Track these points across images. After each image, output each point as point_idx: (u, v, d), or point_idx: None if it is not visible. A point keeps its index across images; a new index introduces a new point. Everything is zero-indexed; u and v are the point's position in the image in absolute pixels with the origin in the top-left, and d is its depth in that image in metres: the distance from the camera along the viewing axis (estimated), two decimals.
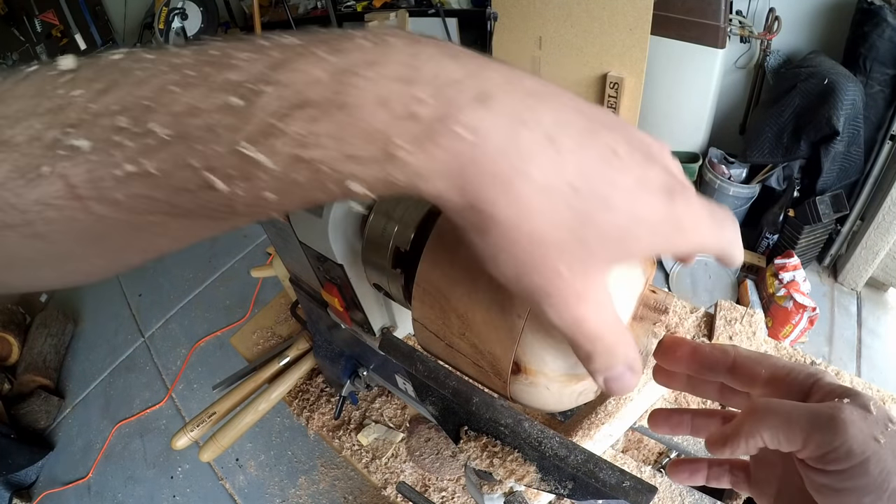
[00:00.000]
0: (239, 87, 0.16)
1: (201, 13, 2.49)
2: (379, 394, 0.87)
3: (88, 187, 0.17)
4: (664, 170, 0.20)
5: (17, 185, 0.17)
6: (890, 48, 1.60)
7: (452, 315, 0.29)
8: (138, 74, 0.17)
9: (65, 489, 1.91)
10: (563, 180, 0.17)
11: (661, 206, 0.19)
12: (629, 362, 0.22)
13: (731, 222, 0.23)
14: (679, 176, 0.21)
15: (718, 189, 1.98)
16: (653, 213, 0.19)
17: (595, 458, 0.36)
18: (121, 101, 0.17)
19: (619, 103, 2.03)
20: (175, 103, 0.16)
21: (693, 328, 0.84)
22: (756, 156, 1.87)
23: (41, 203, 0.17)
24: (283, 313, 1.04)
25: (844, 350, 1.79)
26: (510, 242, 0.18)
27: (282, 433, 1.87)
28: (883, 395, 0.72)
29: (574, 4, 1.97)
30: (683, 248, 0.21)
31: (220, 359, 2.16)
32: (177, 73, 0.17)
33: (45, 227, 0.18)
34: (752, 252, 2.03)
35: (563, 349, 0.26)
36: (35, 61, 0.19)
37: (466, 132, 0.16)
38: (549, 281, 0.19)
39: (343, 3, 3.03)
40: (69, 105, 0.17)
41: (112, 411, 2.11)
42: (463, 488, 0.75)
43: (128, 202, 0.17)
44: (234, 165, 0.16)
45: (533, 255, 0.18)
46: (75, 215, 0.17)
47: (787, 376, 0.28)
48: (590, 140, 0.18)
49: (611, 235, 0.18)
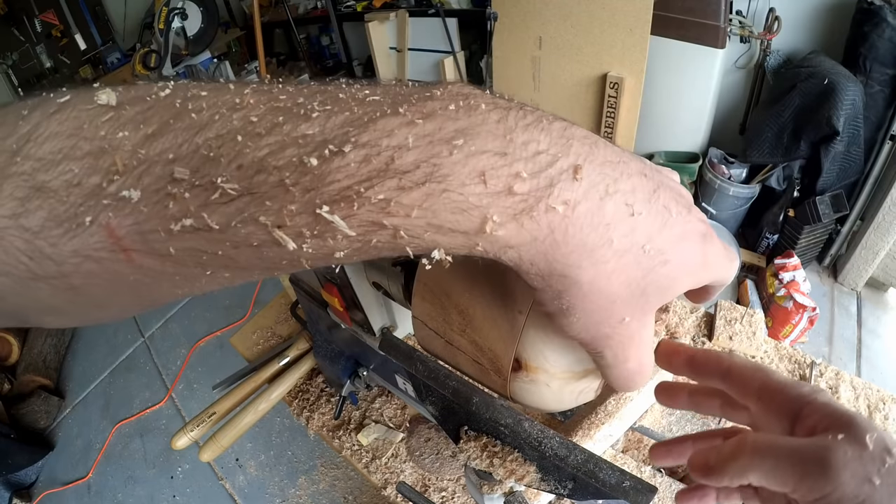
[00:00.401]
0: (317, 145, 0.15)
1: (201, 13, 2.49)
2: (379, 394, 0.87)
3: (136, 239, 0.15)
4: (699, 219, 0.22)
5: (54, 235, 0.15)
6: (890, 48, 1.60)
7: (453, 311, 0.29)
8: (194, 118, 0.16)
9: (65, 489, 1.91)
10: (636, 243, 0.19)
11: (699, 251, 0.21)
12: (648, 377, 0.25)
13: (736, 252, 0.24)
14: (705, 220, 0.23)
15: (718, 189, 1.98)
16: (693, 259, 0.21)
17: (595, 458, 0.36)
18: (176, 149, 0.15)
19: (619, 103, 2.03)
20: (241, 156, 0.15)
21: (693, 328, 0.84)
22: (756, 156, 1.87)
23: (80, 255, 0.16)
24: (283, 313, 1.04)
25: (844, 350, 1.79)
26: (587, 301, 0.19)
27: (282, 433, 1.87)
28: (883, 394, 0.72)
29: (574, 4, 1.97)
30: (705, 280, 0.23)
31: (220, 359, 2.16)
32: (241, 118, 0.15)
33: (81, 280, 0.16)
34: (752, 252, 2.03)
35: (564, 346, 0.26)
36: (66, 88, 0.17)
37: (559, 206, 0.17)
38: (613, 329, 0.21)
39: (343, 3, 3.03)
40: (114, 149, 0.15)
41: (112, 411, 2.11)
42: (463, 488, 0.75)
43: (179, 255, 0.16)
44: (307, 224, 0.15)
45: (605, 310, 0.20)
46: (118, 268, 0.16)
47: (780, 393, 0.27)
48: (653, 203, 0.19)
49: (664, 284, 0.20)
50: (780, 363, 0.78)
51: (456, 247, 0.17)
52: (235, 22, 3.63)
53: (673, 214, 0.20)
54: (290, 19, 3.11)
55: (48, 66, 3.29)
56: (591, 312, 0.20)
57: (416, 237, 0.16)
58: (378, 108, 0.16)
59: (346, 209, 0.15)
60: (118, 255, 0.16)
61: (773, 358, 0.79)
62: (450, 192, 0.16)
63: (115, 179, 0.15)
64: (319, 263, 0.17)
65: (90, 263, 0.16)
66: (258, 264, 0.17)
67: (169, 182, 0.15)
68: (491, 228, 0.16)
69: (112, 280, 0.17)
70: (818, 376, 0.75)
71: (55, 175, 0.15)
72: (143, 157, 0.15)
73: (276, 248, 0.16)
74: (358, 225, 0.15)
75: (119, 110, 0.16)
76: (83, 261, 0.16)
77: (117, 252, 0.16)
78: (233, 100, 0.16)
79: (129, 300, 0.19)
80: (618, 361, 0.23)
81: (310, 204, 0.15)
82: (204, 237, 0.15)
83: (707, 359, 0.30)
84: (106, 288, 0.17)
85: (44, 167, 0.15)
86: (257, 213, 0.15)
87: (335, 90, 0.17)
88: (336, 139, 0.15)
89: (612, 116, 2.09)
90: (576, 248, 0.18)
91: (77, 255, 0.16)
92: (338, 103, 0.16)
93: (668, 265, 0.20)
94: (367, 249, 0.16)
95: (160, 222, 0.15)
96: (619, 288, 0.19)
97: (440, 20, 2.45)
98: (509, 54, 2.28)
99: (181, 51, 2.48)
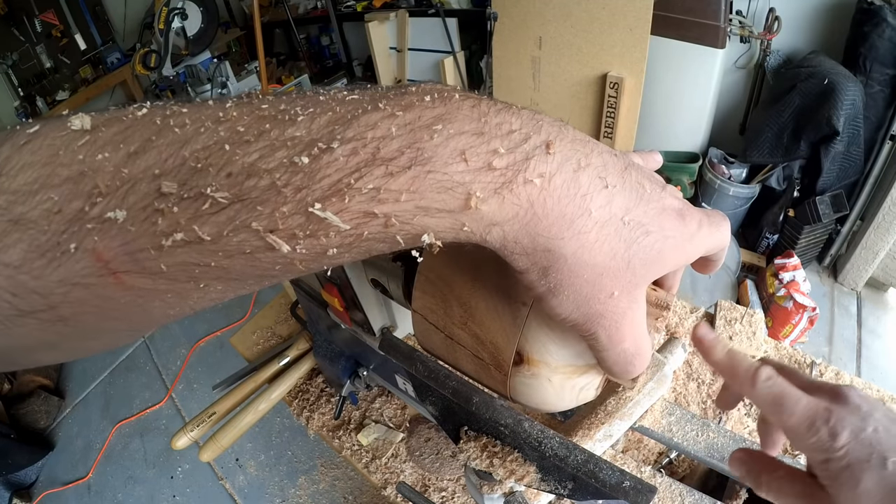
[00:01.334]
0: (305, 145, 0.16)
1: (201, 13, 2.48)
2: (379, 394, 0.87)
3: (125, 260, 0.15)
4: (673, 195, 0.23)
5: (38, 266, 0.15)
6: (890, 48, 1.60)
7: (455, 303, 0.29)
8: (178, 133, 0.16)
9: (65, 489, 1.91)
10: (613, 214, 0.20)
11: (678, 224, 0.22)
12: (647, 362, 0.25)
13: (722, 218, 0.25)
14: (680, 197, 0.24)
15: (718, 189, 1.98)
16: (674, 233, 0.22)
17: (595, 458, 0.36)
18: (162, 164, 0.15)
19: (619, 103, 2.03)
20: (231, 164, 0.15)
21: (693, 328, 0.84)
22: (756, 156, 1.87)
23: (67, 283, 0.15)
24: (283, 313, 1.04)
25: (844, 350, 1.79)
26: (573, 276, 0.20)
27: (282, 433, 1.87)
28: (883, 394, 0.72)
29: (574, 4, 1.97)
30: (694, 255, 0.23)
31: (220, 359, 2.16)
32: (227, 129, 0.16)
33: (70, 310, 0.16)
34: (752, 252, 2.03)
35: (566, 338, 0.26)
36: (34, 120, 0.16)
37: (536, 178, 0.18)
38: (603, 305, 0.21)
39: (343, 3, 3.03)
40: (95, 171, 0.15)
41: (112, 411, 2.11)
42: (463, 488, 0.75)
43: (171, 272, 0.16)
44: (300, 225, 0.16)
45: (592, 284, 0.20)
46: (108, 293, 0.16)
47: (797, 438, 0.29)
48: (626, 178, 0.21)
49: (649, 257, 0.21)
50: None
51: (444, 229, 0.17)
52: (235, 22, 3.63)
53: (647, 190, 0.21)
54: (290, 19, 3.11)
55: (48, 66, 3.29)
56: (579, 288, 0.20)
57: (406, 223, 0.17)
58: (359, 106, 0.17)
59: (338, 203, 0.16)
60: (108, 280, 0.15)
61: (773, 358, 0.79)
62: (434, 172, 0.16)
63: (97, 202, 0.15)
64: (313, 265, 0.17)
65: (79, 291, 0.15)
66: (251, 272, 0.17)
67: (156, 198, 0.15)
68: (475, 204, 0.17)
69: (103, 306, 0.16)
70: (818, 376, 0.75)
71: (33, 205, 0.15)
72: (127, 175, 0.15)
73: (270, 252, 0.16)
74: (350, 218, 0.16)
75: (95, 133, 0.16)
76: (71, 289, 0.15)
77: (106, 276, 0.15)
78: (216, 113, 0.16)
79: (121, 326, 0.18)
80: (612, 343, 0.23)
81: (302, 203, 0.15)
82: (196, 250, 0.15)
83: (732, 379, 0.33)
84: (97, 315, 0.17)
85: (20, 199, 0.15)
86: (249, 220, 0.15)
87: (314, 95, 0.17)
88: (323, 137, 0.16)
89: (612, 116, 2.09)
90: (556, 220, 0.18)
91: (64, 285, 0.15)
92: (320, 105, 0.17)
93: (651, 237, 0.21)
94: (358, 244, 0.17)
95: (149, 240, 0.15)
96: (604, 259, 0.20)
97: (440, 20, 2.46)
98: (509, 54, 2.28)
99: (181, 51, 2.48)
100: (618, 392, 0.71)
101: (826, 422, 0.28)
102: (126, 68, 3.16)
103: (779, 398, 0.30)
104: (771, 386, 0.30)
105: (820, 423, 0.28)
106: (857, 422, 0.28)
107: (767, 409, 0.31)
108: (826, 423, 0.28)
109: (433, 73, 2.68)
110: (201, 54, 2.64)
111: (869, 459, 0.26)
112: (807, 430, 0.28)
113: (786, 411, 0.29)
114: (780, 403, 0.30)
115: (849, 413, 0.28)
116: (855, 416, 0.28)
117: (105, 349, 0.21)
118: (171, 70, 2.45)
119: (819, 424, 0.28)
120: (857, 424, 0.28)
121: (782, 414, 0.29)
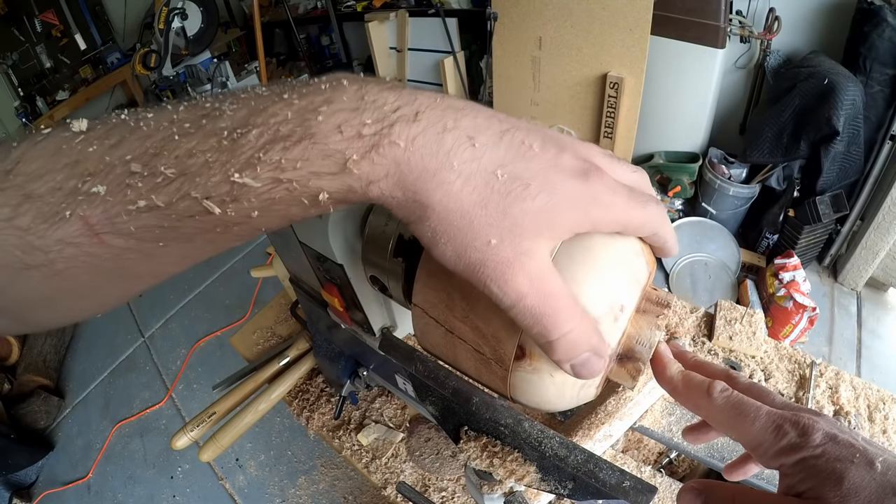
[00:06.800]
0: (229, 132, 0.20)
1: (201, 13, 2.48)
2: (379, 394, 0.87)
3: (105, 223, 0.20)
4: (576, 156, 0.24)
5: (42, 229, 0.20)
6: (890, 48, 1.60)
7: (457, 296, 0.29)
8: (144, 130, 0.21)
9: (65, 489, 1.91)
10: (482, 168, 0.22)
11: (575, 183, 0.23)
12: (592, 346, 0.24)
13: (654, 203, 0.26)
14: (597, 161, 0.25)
15: (718, 189, 1.98)
16: (567, 190, 0.23)
17: (595, 458, 0.36)
18: (132, 152, 0.20)
19: (619, 103, 2.03)
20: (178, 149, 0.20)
21: (693, 328, 0.84)
22: (756, 156, 1.87)
23: (63, 242, 0.20)
24: (283, 313, 1.04)
25: (844, 350, 1.79)
26: (445, 223, 0.22)
27: (282, 433, 1.87)
28: (883, 394, 0.72)
29: (574, 4, 1.97)
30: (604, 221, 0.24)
31: (220, 359, 2.16)
32: (177, 126, 0.21)
33: (64, 265, 0.21)
34: (752, 252, 2.03)
35: None
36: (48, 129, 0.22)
37: (400, 140, 0.21)
38: (482, 252, 0.22)
39: (343, 3, 3.03)
40: (86, 158, 0.20)
41: (112, 411, 2.11)
42: (463, 488, 0.75)
43: (138, 232, 0.21)
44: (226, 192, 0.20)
45: (465, 231, 0.22)
46: (93, 250, 0.20)
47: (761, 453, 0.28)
48: (505, 137, 0.23)
49: (532, 208, 0.22)
50: (780, 363, 0.78)
51: (335, 189, 0.21)
52: (235, 22, 3.63)
53: (536, 150, 0.23)
54: (290, 19, 3.11)
55: (48, 66, 3.28)
56: (453, 235, 0.22)
57: (304, 186, 0.21)
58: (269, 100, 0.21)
59: (252, 172, 0.20)
60: (92, 239, 0.20)
61: (773, 358, 0.79)
62: (318, 143, 0.21)
63: (87, 180, 0.20)
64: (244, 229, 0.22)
65: (71, 248, 0.20)
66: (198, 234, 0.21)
67: (127, 176, 0.20)
68: (351, 166, 0.21)
69: (89, 262, 0.21)
70: (818, 376, 0.75)
71: (41, 184, 0.20)
72: (108, 161, 0.20)
73: (208, 215, 0.20)
74: (262, 183, 0.20)
75: (89, 133, 0.21)
76: (65, 247, 0.20)
77: (91, 236, 0.20)
78: (171, 115, 0.21)
79: (109, 283, 0.23)
80: (507, 295, 0.23)
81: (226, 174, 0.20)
82: (154, 214, 0.20)
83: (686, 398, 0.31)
84: (85, 270, 0.21)
85: (31, 180, 0.20)
86: (190, 189, 0.20)
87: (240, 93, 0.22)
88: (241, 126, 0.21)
89: (612, 116, 2.09)
90: (420, 174, 0.21)
91: (60, 243, 0.20)
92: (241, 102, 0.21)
93: (532, 189, 0.22)
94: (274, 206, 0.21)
95: (122, 207, 0.20)
96: (473, 208, 0.22)
97: (440, 20, 2.46)
98: (509, 54, 2.28)
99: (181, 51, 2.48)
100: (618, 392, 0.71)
101: (795, 424, 0.26)
102: (126, 68, 3.16)
103: (738, 405, 0.28)
104: (728, 396, 0.29)
105: (788, 425, 0.26)
106: (829, 427, 0.26)
107: (727, 422, 0.29)
108: (795, 425, 0.26)
109: (433, 73, 2.68)
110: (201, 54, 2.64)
111: (852, 459, 0.24)
112: (774, 435, 0.26)
113: (748, 418, 0.27)
114: (741, 412, 0.28)
115: (820, 419, 0.26)
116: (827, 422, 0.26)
117: (97, 311, 0.25)
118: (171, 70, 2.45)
119: (787, 427, 0.26)
120: (830, 430, 0.26)
121: (745, 422, 0.28)
